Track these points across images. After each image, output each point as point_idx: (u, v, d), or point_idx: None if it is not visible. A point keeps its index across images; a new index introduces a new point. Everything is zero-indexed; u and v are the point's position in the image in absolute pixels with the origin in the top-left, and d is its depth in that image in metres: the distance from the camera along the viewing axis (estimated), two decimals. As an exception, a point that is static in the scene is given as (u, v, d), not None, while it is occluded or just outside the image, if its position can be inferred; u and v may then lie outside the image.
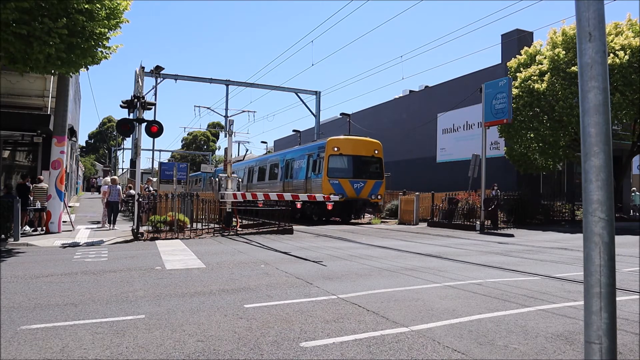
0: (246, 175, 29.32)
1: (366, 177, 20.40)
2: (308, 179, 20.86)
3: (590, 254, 2.21)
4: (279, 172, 24.14)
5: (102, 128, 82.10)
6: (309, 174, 20.85)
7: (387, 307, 5.15)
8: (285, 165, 23.57)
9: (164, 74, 27.14)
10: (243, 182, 28.43)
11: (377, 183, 20.50)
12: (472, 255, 9.88)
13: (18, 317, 4.69)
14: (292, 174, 22.65)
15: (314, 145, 21.63)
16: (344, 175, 19.87)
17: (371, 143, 21.04)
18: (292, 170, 22.63)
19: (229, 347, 3.82)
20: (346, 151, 20.23)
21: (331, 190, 18.94)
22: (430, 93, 33.53)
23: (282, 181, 23.40)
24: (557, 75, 19.80)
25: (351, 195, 19.68)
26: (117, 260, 8.78)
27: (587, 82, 2.24)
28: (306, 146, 22.86)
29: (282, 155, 24.99)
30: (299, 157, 22.30)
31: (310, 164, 20.93)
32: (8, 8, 9.16)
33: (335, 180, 19.52)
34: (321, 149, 20.31)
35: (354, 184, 19.88)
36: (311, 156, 21.07)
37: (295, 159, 22.75)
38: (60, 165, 13.93)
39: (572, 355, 3.69)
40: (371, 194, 20.26)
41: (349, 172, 20.12)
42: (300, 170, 21.83)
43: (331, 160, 19.83)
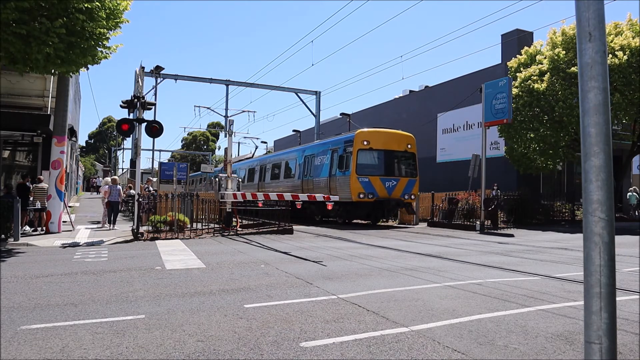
0: (257, 174, 27.22)
1: (399, 174, 18.63)
2: (332, 177, 18.85)
3: (590, 254, 2.21)
4: (297, 170, 22.14)
5: (102, 128, 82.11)
6: (333, 170, 18.85)
7: (387, 307, 5.15)
8: (304, 162, 21.53)
9: (164, 74, 27.13)
10: (254, 181, 27.18)
11: (410, 181, 18.65)
12: (472, 255, 9.88)
13: (18, 317, 4.69)
14: (312, 171, 20.60)
15: (339, 139, 19.60)
16: (375, 172, 17.96)
17: (404, 136, 19.13)
18: (313, 167, 20.57)
19: (229, 347, 3.82)
20: (377, 145, 18.21)
21: (360, 189, 17.41)
22: (430, 93, 33.53)
23: (301, 179, 21.38)
24: (557, 75, 19.81)
25: (382, 195, 17.81)
26: (117, 260, 8.78)
27: (587, 82, 2.25)
28: (330, 140, 20.67)
29: (299, 151, 22.76)
30: (321, 153, 20.23)
31: (334, 159, 18.88)
32: (8, 8, 9.16)
33: (364, 177, 17.62)
34: (348, 143, 18.33)
35: (385, 182, 17.97)
36: (336, 151, 18.99)
37: (316, 155, 20.61)
38: (60, 165, 13.93)
39: (572, 355, 3.69)
40: (404, 193, 18.34)
41: (380, 168, 18.21)
42: (322, 167, 19.80)
43: (360, 156, 17.86)
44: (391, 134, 18.99)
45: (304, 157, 21.67)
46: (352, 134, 18.54)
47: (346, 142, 18.53)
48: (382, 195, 17.89)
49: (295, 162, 22.43)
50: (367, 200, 17.55)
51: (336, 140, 19.79)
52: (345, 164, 18.19)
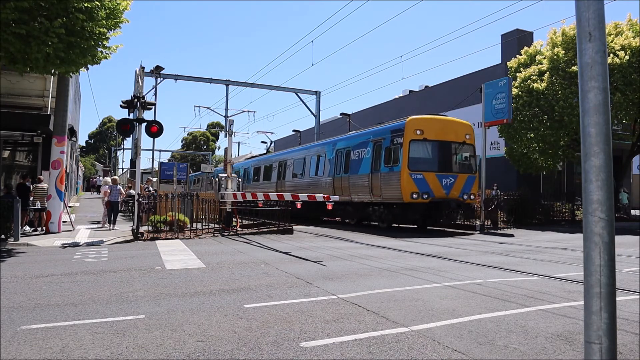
0: (275, 171, 24.62)
1: (456, 170, 15.89)
2: (375, 174, 16.21)
3: (590, 254, 2.21)
4: (326, 166, 19.59)
5: (102, 128, 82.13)
6: (376, 166, 16.18)
7: (387, 307, 5.14)
8: (335, 157, 18.98)
9: (164, 74, 27.13)
10: (271, 180, 24.85)
11: (469, 178, 15.95)
12: (472, 255, 9.88)
13: (18, 317, 4.69)
14: (347, 167, 17.96)
15: (383, 128, 16.86)
16: (430, 168, 15.32)
17: (461, 125, 16.56)
18: (348, 163, 17.92)
19: (229, 347, 3.82)
20: (431, 135, 15.52)
21: (413, 187, 14.80)
22: (430, 93, 33.55)
23: (332, 177, 18.86)
24: (557, 75, 19.83)
25: (439, 195, 15.11)
26: (117, 260, 8.78)
27: (587, 82, 2.25)
28: (370, 130, 17.90)
29: (329, 145, 20.01)
30: (359, 145, 17.50)
31: (378, 153, 16.26)
32: (8, 8, 9.16)
33: (418, 174, 14.98)
34: (396, 133, 15.65)
35: (442, 180, 15.28)
36: (379, 143, 16.37)
37: (352, 149, 17.91)
38: (60, 165, 13.93)
39: (572, 355, 3.69)
40: (463, 192, 15.59)
41: (436, 163, 15.56)
42: (360, 163, 17.15)
43: (413, 148, 15.21)
44: (447, 122, 16.39)
45: (335, 152, 19.07)
46: (401, 122, 15.87)
47: (394, 132, 15.82)
48: (439, 195, 15.15)
49: (324, 158, 19.88)
50: (421, 201, 14.88)
51: (380, 130, 17.02)
52: (392, 157, 15.49)
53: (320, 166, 20.31)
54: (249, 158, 32.20)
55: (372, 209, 16.87)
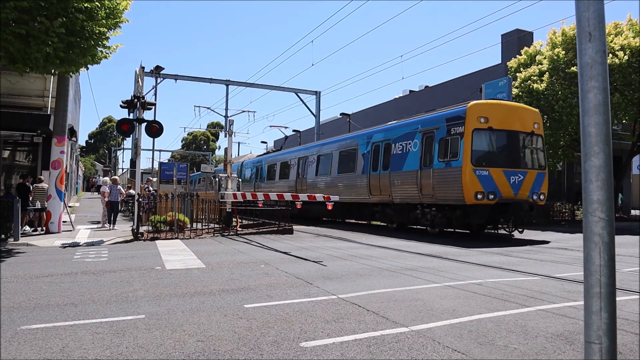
0: (293, 169, 22.55)
1: (525, 165, 13.55)
2: (426, 170, 13.88)
3: (590, 254, 2.21)
4: (359, 163, 17.38)
5: (102, 128, 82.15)
6: (427, 161, 13.96)
7: (387, 307, 5.14)
8: (371, 152, 16.72)
9: (164, 74, 27.12)
10: (288, 178, 22.88)
11: (539, 175, 13.67)
12: (472, 255, 9.88)
13: (18, 317, 4.69)
14: (387, 163, 15.70)
15: (436, 116, 14.37)
16: (495, 163, 12.98)
17: (529, 112, 14.33)
18: (389, 158, 15.64)
19: (229, 347, 3.82)
20: (498, 123, 13.13)
21: (478, 186, 12.50)
22: (430, 93, 33.55)
23: (367, 175, 16.68)
24: (556, 75, 19.84)
25: (506, 195, 12.74)
26: (117, 260, 8.78)
27: (587, 82, 2.25)
28: (418, 119, 15.22)
29: (363, 138, 17.67)
30: (402, 137, 15.21)
31: (429, 145, 13.99)
32: (7, 7, 9.16)
33: (483, 170, 12.66)
34: (455, 121, 13.32)
35: (510, 177, 12.91)
36: (430, 133, 14.09)
37: (393, 141, 15.58)
38: (60, 165, 13.93)
39: (572, 355, 3.69)
40: (532, 192, 13.31)
41: (502, 157, 13.24)
42: (405, 157, 14.83)
43: (477, 138, 12.95)
44: (514, 108, 14.15)
45: (371, 145, 16.82)
46: (460, 108, 13.60)
47: (451, 120, 13.51)
48: (506, 196, 12.78)
49: (356, 153, 17.68)
50: (487, 202, 12.57)
51: (431, 118, 14.56)
52: (450, 150, 13.20)
53: (351, 162, 17.99)
54: (263, 154, 30.19)
55: (420, 212, 14.41)
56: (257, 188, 26.23)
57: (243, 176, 28.93)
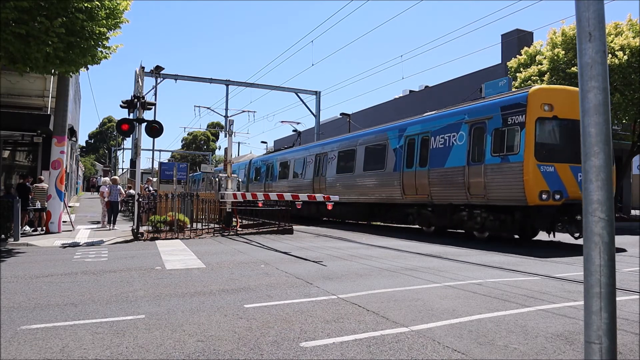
0: (310, 167, 20.90)
1: None
2: (475, 166, 12.11)
3: (590, 254, 2.21)
4: (389, 159, 15.65)
5: (102, 128, 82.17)
6: (476, 155, 12.17)
7: (387, 307, 5.14)
8: (405, 146, 14.97)
9: (164, 74, 27.14)
10: (304, 177, 21.34)
11: None
12: (472, 255, 9.87)
13: (18, 317, 4.69)
14: (424, 158, 14.00)
15: (487, 104, 12.45)
16: (562, 158, 11.11)
17: None
18: (426, 153, 13.93)
19: (229, 347, 3.82)
20: (564, 112, 11.22)
21: (542, 184, 10.83)
22: (430, 93, 33.56)
23: (400, 172, 14.97)
24: (557, 75, 19.83)
25: (574, 195, 10.88)
26: (117, 260, 8.78)
27: (587, 82, 2.25)
28: (463, 108, 13.36)
29: (393, 131, 15.91)
30: (444, 130, 13.44)
31: (479, 138, 12.22)
32: (7, 7, 9.17)
33: (548, 166, 10.94)
34: (513, 109, 11.44)
35: (577, 174, 10.76)
36: (480, 124, 12.26)
37: (432, 134, 13.86)
38: (60, 165, 13.93)
39: (572, 355, 3.69)
40: None
41: (569, 151, 11.11)
42: (448, 152, 13.09)
43: (540, 129, 11.20)
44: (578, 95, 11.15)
45: (404, 139, 15.11)
46: (520, 94, 11.73)
47: (508, 108, 11.61)
48: (573, 196, 10.91)
49: (386, 148, 15.95)
50: (552, 203, 10.90)
51: (481, 107, 12.62)
52: (506, 143, 11.46)
53: (379, 159, 16.23)
54: (273, 152, 28.45)
55: (466, 214, 12.75)
56: (268, 188, 24.79)
57: (252, 175, 27.80)
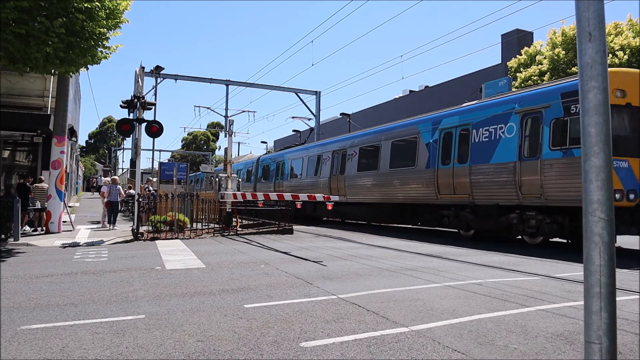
0: (326, 164, 19.36)
1: None
2: (529, 161, 10.76)
3: (590, 254, 2.21)
4: (421, 154, 14.25)
5: (102, 128, 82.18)
6: (530, 149, 10.84)
7: (387, 307, 5.14)
8: (440, 140, 13.58)
9: (164, 74, 27.12)
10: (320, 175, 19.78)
11: None
12: (472, 255, 9.87)
13: (18, 317, 4.69)
14: (464, 154, 12.64)
15: (544, 91, 11.03)
16: (636, 151, 9.85)
17: None
18: (467, 148, 12.57)
19: (229, 347, 3.82)
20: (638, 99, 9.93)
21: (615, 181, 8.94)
22: (430, 93, 33.57)
23: (434, 169, 13.60)
24: (557, 75, 19.84)
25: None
26: (117, 260, 8.78)
27: (587, 82, 2.25)
28: (513, 96, 11.88)
29: (426, 123, 14.49)
30: (489, 121, 12.07)
31: (533, 129, 10.83)
32: (7, 7, 9.17)
33: (622, 161, 9.58)
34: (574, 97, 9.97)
35: None
36: (533, 114, 10.90)
37: (473, 126, 12.46)
38: (60, 165, 13.93)
39: (572, 355, 3.69)
40: None
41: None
42: (494, 146, 11.70)
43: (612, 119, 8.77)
44: None
45: (439, 133, 13.70)
46: None
47: (571, 95, 10.17)
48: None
49: (417, 142, 14.49)
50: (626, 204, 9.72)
51: (536, 94, 11.19)
52: (569, 135, 10.08)
53: (409, 154, 14.82)
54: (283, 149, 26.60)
55: (517, 216, 11.36)
56: (278, 187, 23.35)
57: (260, 174, 26.54)
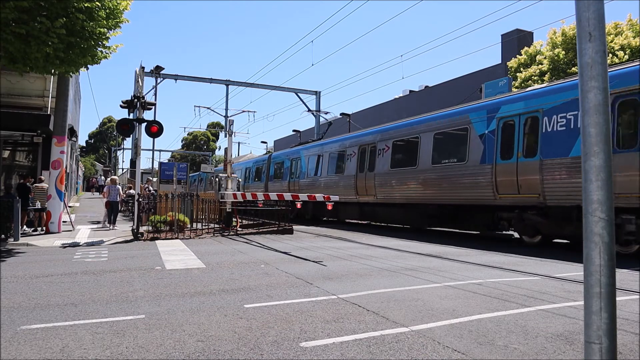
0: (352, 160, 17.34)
1: None
2: (628, 154, 9.18)
3: (590, 254, 2.21)
4: (473, 147, 12.50)
5: (102, 128, 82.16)
6: (627, 140, 9.40)
7: (387, 307, 5.14)
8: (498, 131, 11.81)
9: (164, 74, 27.11)
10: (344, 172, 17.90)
11: None
12: (472, 255, 9.87)
13: (18, 317, 4.69)
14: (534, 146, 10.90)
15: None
16: None
17: None
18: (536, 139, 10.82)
19: (229, 347, 3.82)
20: None
21: None
22: (430, 93, 33.56)
23: (492, 164, 11.87)
24: (557, 75, 19.84)
25: None
26: (117, 260, 8.78)
27: (587, 82, 2.25)
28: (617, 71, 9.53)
29: (479, 112, 12.64)
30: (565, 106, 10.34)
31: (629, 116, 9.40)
32: (7, 7, 9.17)
33: None
34: None
35: None
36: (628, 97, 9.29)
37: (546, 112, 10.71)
38: (60, 165, 13.93)
39: (572, 355, 3.69)
40: None
41: None
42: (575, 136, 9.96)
43: None
44: None
45: (496, 122, 11.97)
46: None
47: None
48: None
49: (468, 134, 12.71)
50: None
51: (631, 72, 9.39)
52: None
53: (457, 148, 13.09)
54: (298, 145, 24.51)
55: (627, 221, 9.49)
56: (293, 187, 21.46)
57: (272, 172, 25.02)
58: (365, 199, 16.71)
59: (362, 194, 16.80)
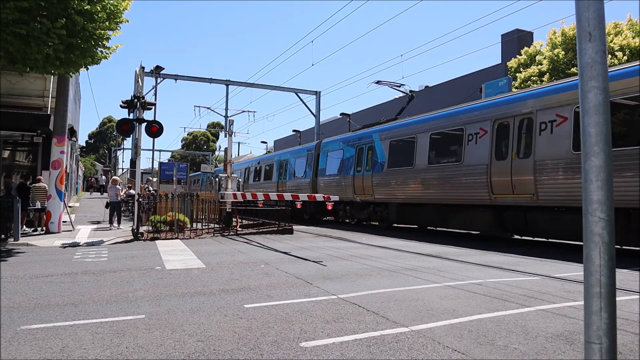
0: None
1: None
2: None
3: (590, 254, 2.21)
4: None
5: (102, 128, 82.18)
6: None
7: (387, 307, 5.14)
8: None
9: (164, 74, 27.07)
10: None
11: None
12: (472, 255, 9.87)
13: (18, 317, 4.69)
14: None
15: None
16: None
17: None
18: None
19: (229, 347, 3.82)
20: None
21: None
22: (430, 93, 33.55)
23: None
24: (557, 75, 19.84)
25: None
26: (117, 260, 8.78)
27: (587, 82, 2.25)
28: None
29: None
30: None
31: None
32: (7, 8, 9.17)
33: None
34: None
35: None
36: None
37: None
38: (60, 165, 13.93)
39: (572, 355, 3.69)
40: None
41: None
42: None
43: None
44: None
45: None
46: None
47: None
48: None
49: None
50: None
51: None
52: None
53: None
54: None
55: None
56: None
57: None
58: None
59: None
